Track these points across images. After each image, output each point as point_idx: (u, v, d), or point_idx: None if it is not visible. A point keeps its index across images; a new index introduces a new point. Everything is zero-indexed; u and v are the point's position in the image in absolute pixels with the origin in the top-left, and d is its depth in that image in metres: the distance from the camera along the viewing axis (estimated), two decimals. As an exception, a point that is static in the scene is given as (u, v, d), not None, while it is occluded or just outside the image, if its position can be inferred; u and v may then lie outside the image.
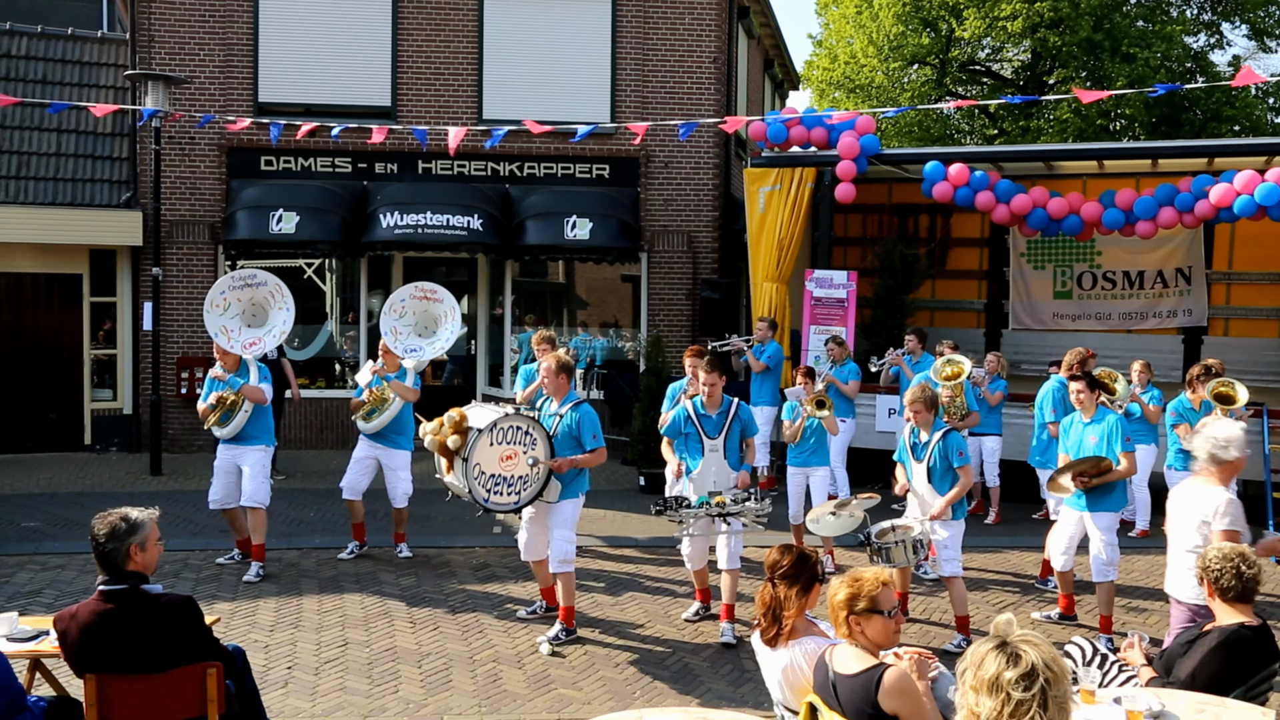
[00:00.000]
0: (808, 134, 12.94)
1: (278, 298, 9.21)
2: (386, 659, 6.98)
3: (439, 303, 9.56)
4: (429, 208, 14.18)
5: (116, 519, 4.48)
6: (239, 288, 9.17)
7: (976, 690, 2.89)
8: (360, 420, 9.25)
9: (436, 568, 9.15)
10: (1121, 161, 13.13)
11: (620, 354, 15.75)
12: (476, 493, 7.02)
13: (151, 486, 12.34)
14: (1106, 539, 7.41)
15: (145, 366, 14.21)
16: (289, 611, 7.88)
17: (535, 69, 14.84)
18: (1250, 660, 4.39)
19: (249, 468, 8.74)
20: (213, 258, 14.60)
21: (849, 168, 12.46)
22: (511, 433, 7.10)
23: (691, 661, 7.06)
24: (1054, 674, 2.86)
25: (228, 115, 13.60)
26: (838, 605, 3.98)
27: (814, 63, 28.74)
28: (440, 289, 9.66)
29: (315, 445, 14.84)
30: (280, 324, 9.18)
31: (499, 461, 7.06)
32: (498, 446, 7.05)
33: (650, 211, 15.22)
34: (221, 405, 8.67)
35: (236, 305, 9.11)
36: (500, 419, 7.06)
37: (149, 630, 4.39)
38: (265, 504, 8.79)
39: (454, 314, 9.52)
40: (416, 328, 9.48)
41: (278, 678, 6.61)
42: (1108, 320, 14.72)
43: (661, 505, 7.18)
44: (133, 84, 14.23)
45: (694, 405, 7.63)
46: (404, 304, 9.50)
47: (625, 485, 12.73)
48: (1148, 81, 21.20)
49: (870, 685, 3.79)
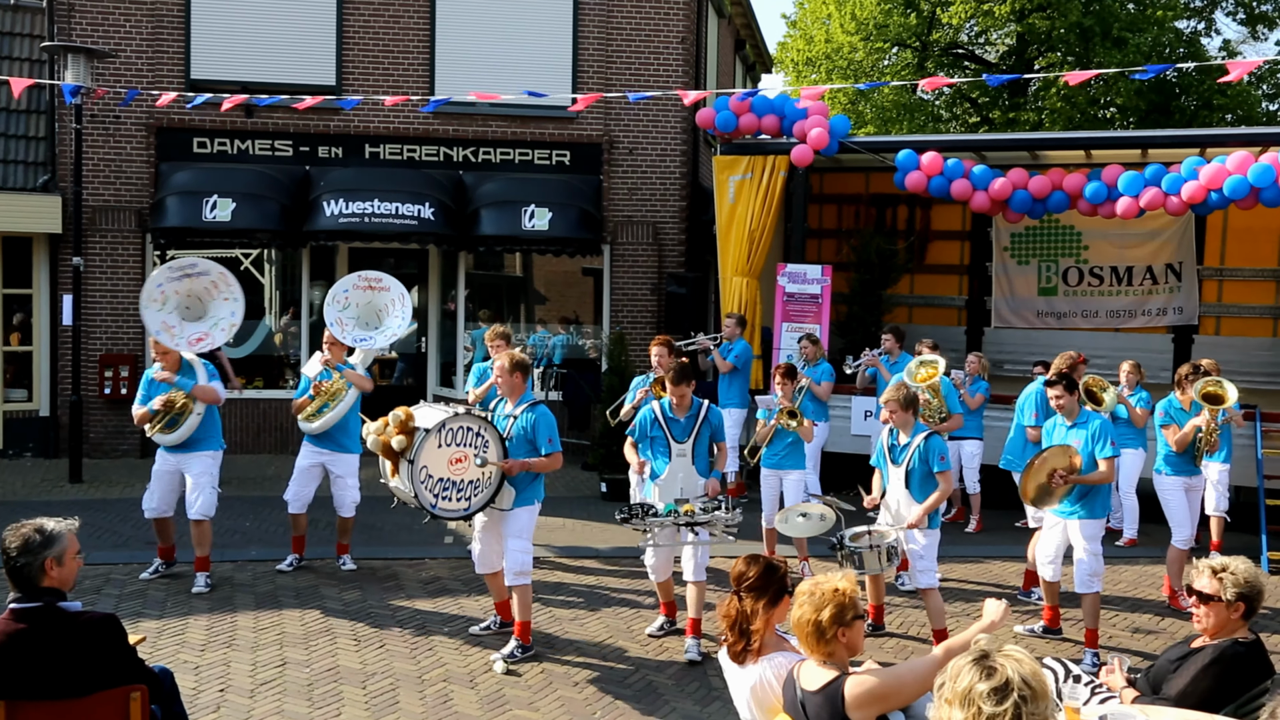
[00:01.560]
0: (758, 122, 12.94)
1: (221, 288, 9.07)
2: (328, 679, 6.91)
3: (385, 291, 9.49)
4: (376, 195, 14.07)
5: (30, 531, 4.39)
6: (177, 279, 9.00)
7: (950, 703, 2.95)
8: (306, 421, 9.11)
9: (383, 581, 9.07)
10: (1110, 151, 13.26)
11: (581, 352, 15.73)
12: (423, 498, 6.95)
13: (70, 495, 12.15)
14: (1091, 547, 7.50)
15: (64, 365, 13.99)
16: (222, 629, 7.78)
17: (492, 47, 14.77)
18: (1244, 676, 4.45)
19: (196, 477, 8.63)
20: (140, 247, 14.40)
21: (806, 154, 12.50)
22: (461, 434, 7.05)
23: (655, 679, 7.05)
24: (1032, 691, 2.90)
25: (156, 92, 13.42)
26: (827, 623, 3.90)
27: (787, 44, 28.90)
28: (386, 277, 9.60)
29: (252, 449, 14.68)
30: (227, 316, 9.05)
31: (448, 464, 7.00)
32: (446, 448, 6.99)
33: (614, 201, 15.20)
34: (169, 409, 8.53)
35: (175, 298, 8.95)
36: (449, 419, 7.01)
37: (66, 652, 4.31)
38: (212, 515, 8.72)
39: (402, 301, 9.45)
40: (360, 320, 9.40)
41: (209, 701, 6.52)
42: (1095, 318, 14.89)
43: (626, 513, 7.16)
44: (50, 57, 13.98)
45: (661, 407, 7.63)
46: (347, 295, 9.42)
47: (586, 492, 12.71)
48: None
49: (835, 699, 3.84)
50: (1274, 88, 26.30)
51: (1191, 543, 8.78)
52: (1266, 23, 26.64)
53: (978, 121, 27.07)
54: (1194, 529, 8.83)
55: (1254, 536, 10.13)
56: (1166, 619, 8.52)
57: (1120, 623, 8.42)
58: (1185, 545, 8.72)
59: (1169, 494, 8.81)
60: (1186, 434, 8.64)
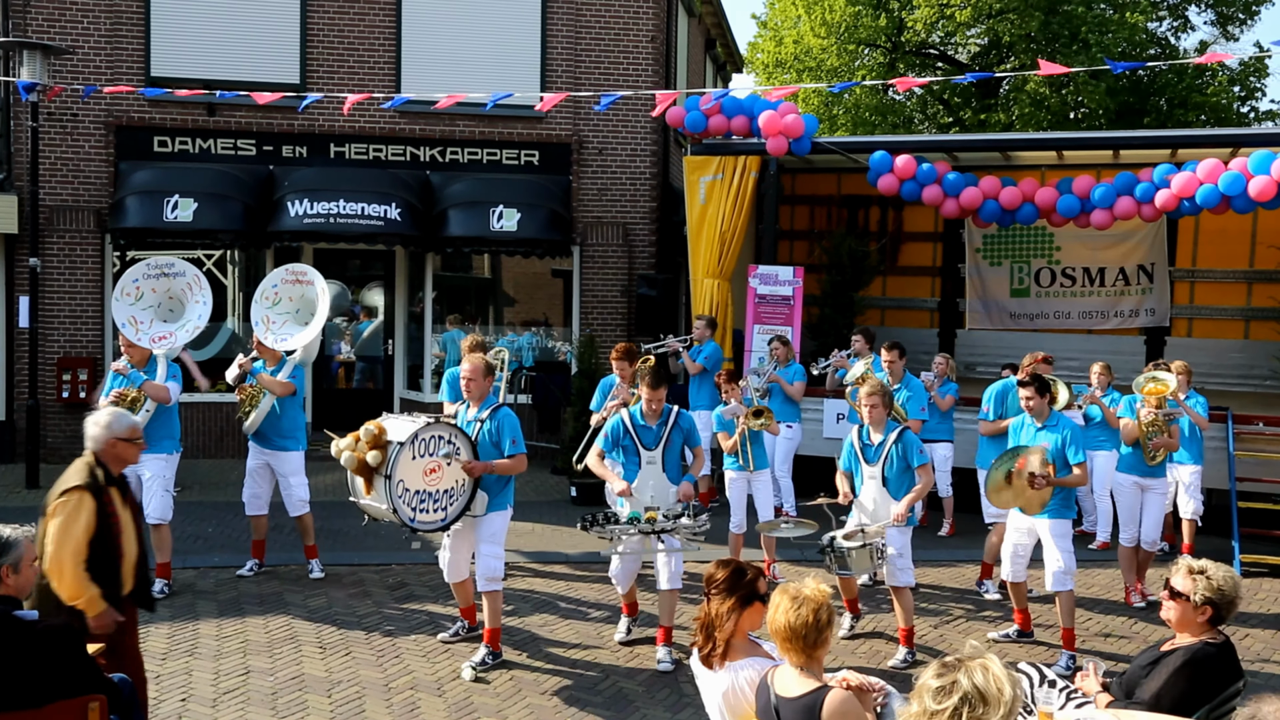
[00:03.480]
0: (728, 123, 12.98)
1: (195, 290, 9.10)
2: (293, 688, 6.86)
3: (311, 285, 9.45)
4: (342, 195, 13.99)
5: (-15, 537, 4.35)
6: (155, 276, 9.04)
7: (912, 697, 3.19)
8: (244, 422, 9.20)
9: (349, 587, 9.02)
10: (1082, 152, 13.40)
11: (550, 354, 15.71)
12: (403, 512, 6.88)
13: (27, 501, 11.99)
14: (1061, 545, 7.56)
15: (21, 368, 13.82)
16: (184, 637, 7.71)
17: (459, 47, 14.73)
18: (1216, 678, 4.50)
19: (149, 480, 8.56)
20: (99, 247, 14.25)
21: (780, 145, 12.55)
22: (434, 443, 7.01)
23: (626, 686, 7.04)
24: (983, 698, 3.05)
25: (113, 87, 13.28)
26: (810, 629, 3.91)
27: (758, 44, 29.02)
28: (310, 269, 9.57)
29: (214, 454, 14.56)
30: (194, 319, 9.10)
31: (423, 475, 6.96)
32: (420, 459, 6.95)
33: (583, 202, 15.19)
34: (121, 402, 8.46)
35: (151, 296, 8.98)
36: (421, 429, 6.97)
37: (22, 661, 4.26)
38: (168, 519, 8.65)
39: (325, 295, 9.40)
40: (294, 315, 9.36)
41: (170, 711, 6.46)
42: (1067, 320, 15.03)
43: (589, 520, 7.16)
44: (5, 53, 13.80)
45: (631, 415, 7.62)
46: (276, 290, 9.39)
47: (555, 496, 12.69)
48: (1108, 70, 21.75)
49: (814, 709, 3.85)
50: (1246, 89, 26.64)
51: (1135, 541, 8.94)
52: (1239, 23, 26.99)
53: (950, 122, 27.26)
54: (1158, 530, 8.97)
55: (1227, 540, 10.23)
56: (1139, 623, 8.60)
57: (1093, 626, 8.49)
58: (1129, 543, 8.93)
59: (1118, 491, 9.06)
60: (1130, 427, 8.80)
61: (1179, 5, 27.01)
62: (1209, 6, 27.01)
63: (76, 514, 5.05)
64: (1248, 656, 7.63)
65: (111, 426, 5.38)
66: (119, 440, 5.39)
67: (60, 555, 4.97)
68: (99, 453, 5.33)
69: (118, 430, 5.39)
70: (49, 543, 5.00)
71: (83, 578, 4.99)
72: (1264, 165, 10.74)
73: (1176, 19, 27.13)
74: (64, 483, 5.15)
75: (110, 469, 5.33)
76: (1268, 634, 8.36)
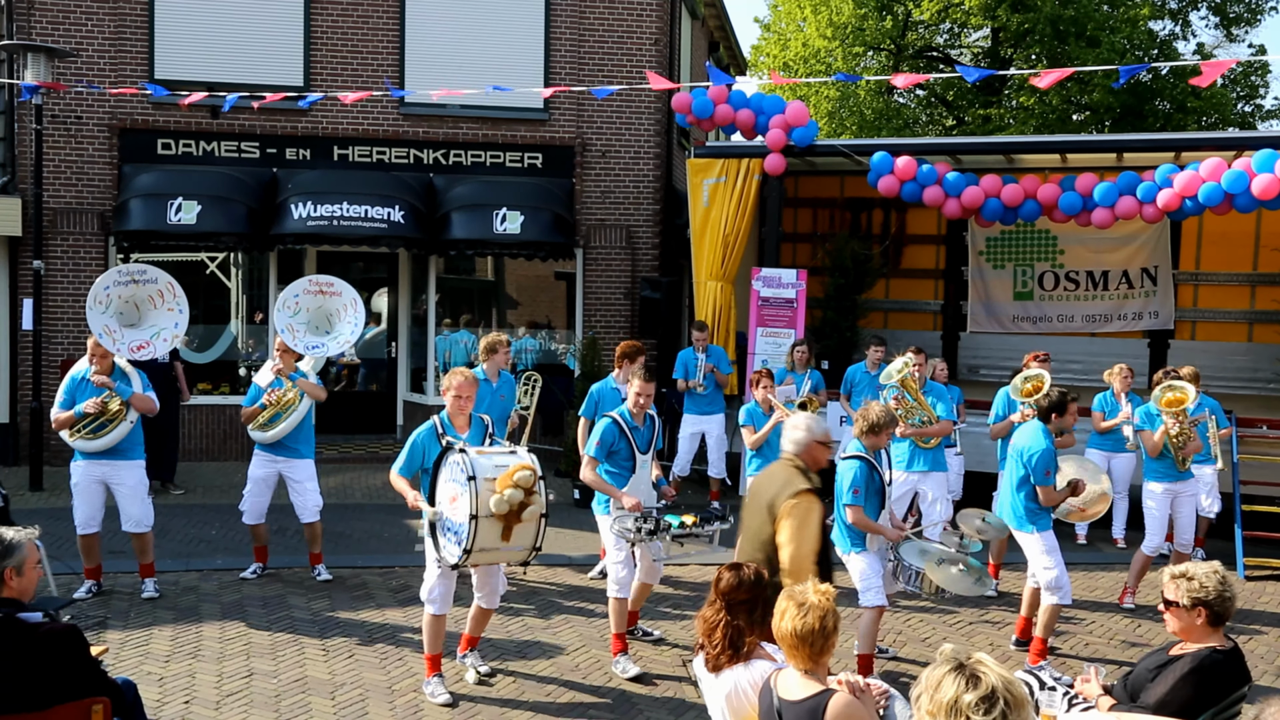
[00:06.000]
0: (734, 114, 12.97)
1: (167, 298, 8.96)
2: (296, 690, 6.86)
3: (336, 296, 9.43)
4: (345, 198, 14.00)
5: (-11, 539, 4.35)
6: (124, 284, 8.91)
7: (934, 715, 2.93)
8: (257, 430, 9.01)
9: (352, 589, 9.02)
10: (1086, 155, 13.38)
11: (553, 357, 15.70)
12: (447, 552, 6.35)
13: (30, 503, 12.01)
14: (1038, 561, 7.43)
15: (25, 370, 13.83)
16: (187, 640, 7.71)
17: (463, 50, 14.74)
18: (1222, 684, 4.49)
19: (131, 488, 8.53)
20: (103, 250, 14.27)
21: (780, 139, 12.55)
22: (452, 469, 6.32)
23: (629, 689, 7.04)
24: (1014, 698, 2.91)
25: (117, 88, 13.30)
26: (819, 634, 3.91)
27: (761, 47, 29.02)
28: (338, 281, 9.54)
29: (217, 456, 14.57)
30: (170, 326, 8.95)
31: (449, 504, 6.34)
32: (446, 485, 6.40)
33: (586, 204, 15.20)
34: (100, 414, 8.42)
35: (117, 303, 8.85)
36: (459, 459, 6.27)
37: (26, 663, 4.26)
38: (151, 525, 8.64)
39: (355, 307, 9.38)
40: (311, 325, 9.33)
41: (173, 713, 6.46)
42: (1071, 323, 15.02)
43: (638, 526, 6.89)
44: (9, 55, 13.83)
45: (623, 418, 7.43)
46: (298, 300, 9.36)
47: (559, 499, 12.66)
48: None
49: (817, 711, 3.84)
50: (1248, 90, 26.64)
51: (1157, 551, 8.92)
52: (1241, 25, 26.97)
53: (953, 124, 27.27)
54: (1190, 532, 9.01)
55: (1231, 544, 10.21)
56: (1144, 626, 8.59)
57: (1097, 630, 8.47)
58: (1152, 552, 8.90)
59: (1151, 500, 8.96)
60: (1157, 442, 8.81)
61: (1181, 9, 27.00)
62: (1211, 10, 27.00)
63: (808, 516, 5.42)
64: (1251, 660, 7.61)
65: (813, 430, 5.80)
66: (817, 443, 5.77)
67: (800, 554, 5.34)
68: (800, 455, 5.71)
69: (818, 434, 5.80)
70: (787, 542, 5.37)
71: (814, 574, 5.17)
72: (1268, 164, 10.71)
73: (1178, 21, 27.13)
74: (790, 486, 5.49)
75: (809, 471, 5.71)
76: (1271, 637, 8.35)
